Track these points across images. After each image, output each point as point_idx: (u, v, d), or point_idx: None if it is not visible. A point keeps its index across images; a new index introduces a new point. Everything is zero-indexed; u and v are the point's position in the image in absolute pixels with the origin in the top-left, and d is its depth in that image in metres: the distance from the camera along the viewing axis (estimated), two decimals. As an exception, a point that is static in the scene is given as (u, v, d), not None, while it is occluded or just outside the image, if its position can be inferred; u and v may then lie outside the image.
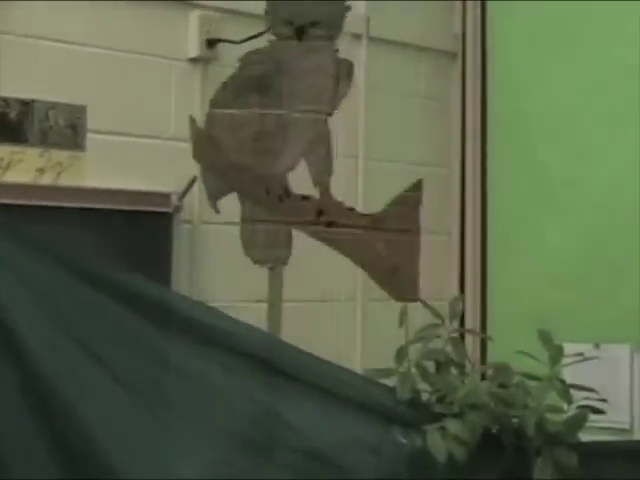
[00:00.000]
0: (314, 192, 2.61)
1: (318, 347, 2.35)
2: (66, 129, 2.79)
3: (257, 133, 2.57)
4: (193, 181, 2.95)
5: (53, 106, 2.77)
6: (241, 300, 2.98)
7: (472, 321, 3.58)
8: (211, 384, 2.32)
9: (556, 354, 2.39)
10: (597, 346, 3.19)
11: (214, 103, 2.58)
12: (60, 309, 2.27)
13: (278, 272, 2.67)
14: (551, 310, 3.29)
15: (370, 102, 3.54)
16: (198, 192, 2.98)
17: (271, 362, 2.35)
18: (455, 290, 3.43)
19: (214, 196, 2.60)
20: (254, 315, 2.55)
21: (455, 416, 2.29)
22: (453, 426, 2.25)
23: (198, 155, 2.59)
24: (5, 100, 2.69)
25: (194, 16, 3.05)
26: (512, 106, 3.67)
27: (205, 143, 2.59)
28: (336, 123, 3.34)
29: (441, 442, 2.23)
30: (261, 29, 3.00)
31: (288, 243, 2.63)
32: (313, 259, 3.25)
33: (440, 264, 3.71)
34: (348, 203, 2.64)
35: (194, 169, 3.00)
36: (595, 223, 3.41)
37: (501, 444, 2.33)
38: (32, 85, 2.75)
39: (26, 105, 2.73)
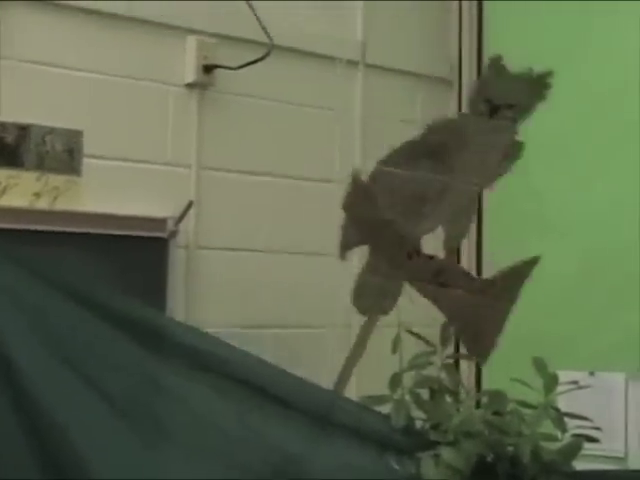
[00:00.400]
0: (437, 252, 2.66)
1: (313, 373, 2.36)
2: (63, 154, 2.79)
3: (413, 195, 2.61)
4: (189, 206, 2.96)
5: (50, 131, 2.77)
6: (235, 326, 2.99)
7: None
8: (204, 409, 2.32)
9: (550, 382, 2.40)
10: (592, 374, 3.19)
11: (386, 160, 2.61)
12: (54, 332, 2.27)
13: (374, 319, 2.69)
14: (546, 337, 3.29)
15: (366, 128, 3.55)
16: (194, 217, 3.00)
17: (265, 388, 2.35)
18: (449, 317, 3.43)
19: (347, 246, 2.62)
20: (248, 341, 2.52)
21: (449, 444, 2.29)
22: (447, 454, 2.26)
23: (349, 205, 2.60)
24: (2, 124, 2.69)
25: (191, 41, 3.05)
26: None
27: (361, 196, 2.60)
28: (332, 148, 3.41)
29: (435, 470, 2.23)
30: (257, 55, 3.06)
31: (396, 296, 2.65)
32: (310, 287, 3.27)
33: None
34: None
35: (190, 194, 3.03)
36: (591, 249, 3.40)
37: (495, 472, 2.32)
38: (29, 109, 2.75)
39: (23, 129, 2.73)
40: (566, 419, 2.37)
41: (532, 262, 2.72)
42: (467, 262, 3.76)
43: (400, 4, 3.66)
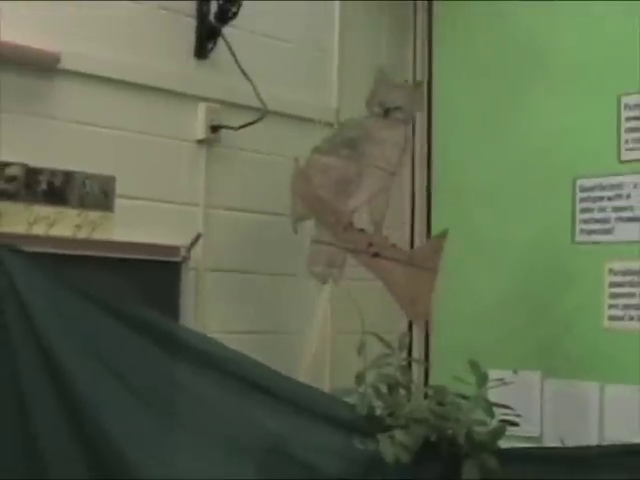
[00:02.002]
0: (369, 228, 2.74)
1: (295, 371, 2.38)
2: (99, 194, 2.79)
3: (340, 177, 2.72)
4: (198, 237, 2.95)
5: (89, 176, 2.77)
6: (234, 332, 2.96)
7: (418, 352, 3.56)
8: (210, 400, 2.33)
9: (482, 379, 2.43)
10: (516, 372, 3.19)
11: (316, 149, 2.76)
12: (91, 338, 2.27)
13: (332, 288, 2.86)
14: (480, 344, 3.28)
15: None
16: (202, 246, 2.97)
17: (258, 383, 2.37)
18: (405, 326, 3.43)
19: (297, 219, 2.73)
20: (245, 344, 2.55)
21: (402, 427, 2.32)
22: (400, 435, 2.28)
23: (294, 186, 2.74)
24: (52, 171, 2.69)
25: (201, 107, 3.04)
26: (451, 178, 3.65)
27: (301, 178, 2.73)
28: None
29: (390, 448, 2.26)
30: (254, 118, 3.04)
31: (342, 265, 2.71)
32: (294, 302, 3.27)
33: (394, 305, 3.66)
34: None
35: (199, 227, 2.99)
36: (516, 275, 3.39)
37: (438, 450, 2.36)
38: (73, 159, 2.75)
39: (68, 175, 2.72)
40: (494, 408, 2.40)
41: (442, 235, 2.81)
42: None
43: (366, 79, 3.46)
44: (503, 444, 2.40)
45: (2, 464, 2.18)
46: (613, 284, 3.13)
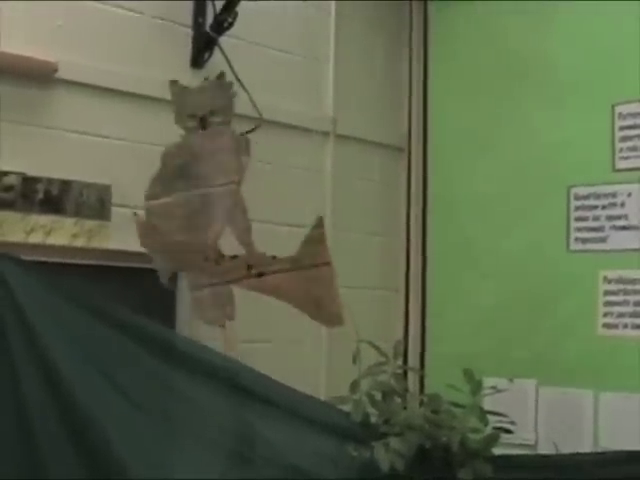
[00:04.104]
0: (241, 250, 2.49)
1: (292, 380, 2.37)
2: (96, 203, 2.80)
3: (187, 213, 2.46)
4: None
5: (86, 185, 2.78)
6: None
7: (413, 360, 3.58)
8: (206, 407, 2.33)
9: (476, 387, 2.41)
10: (511, 380, 3.09)
11: (147, 196, 2.47)
12: (88, 346, 2.27)
13: (232, 327, 2.53)
14: (475, 352, 3.29)
15: (335, 185, 3.56)
16: None
17: (254, 391, 2.36)
18: (400, 334, 3.45)
19: (165, 275, 2.49)
20: (241, 352, 2.52)
21: (396, 435, 2.30)
22: (395, 443, 2.27)
23: (144, 243, 2.47)
24: (49, 180, 2.71)
25: None
26: (447, 190, 3.68)
27: (148, 231, 2.47)
28: (307, 200, 3.42)
29: (385, 455, 2.24)
30: (250, 127, 3.07)
31: (231, 300, 2.50)
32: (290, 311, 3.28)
33: (389, 314, 3.70)
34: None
35: None
36: (511, 284, 3.41)
37: (432, 457, 2.34)
38: (70, 168, 2.77)
39: (65, 184, 2.74)
40: (488, 415, 2.39)
41: (317, 225, 2.49)
42: (414, 293, 3.74)
43: (363, 89, 3.69)
44: (497, 451, 2.40)
45: (1, 473, 2.19)
46: (607, 292, 3.16)
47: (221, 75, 2.52)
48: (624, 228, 3.16)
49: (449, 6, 3.68)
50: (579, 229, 3.25)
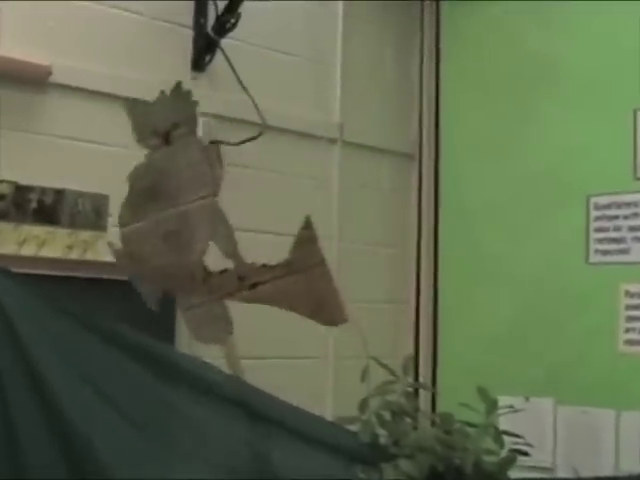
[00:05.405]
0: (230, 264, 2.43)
1: (296, 398, 2.35)
2: (91, 213, 2.79)
3: (165, 234, 2.41)
4: None
5: (81, 195, 2.78)
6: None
7: (425, 376, 3.57)
8: (203, 424, 2.32)
9: (491, 406, 2.37)
10: (527, 399, 3.21)
11: (120, 223, 2.43)
12: (81, 361, 2.27)
13: (231, 344, 2.51)
14: (490, 368, 3.30)
15: (342, 193, 3.56)
16: None
17: (257, 409, 2.35)
18: (411, 350, 3.43)
19: (152, 302, 2.44)
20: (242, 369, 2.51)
21: (407, 457, 2.28)
22: (405, 465, 2.25)
23: (124, 271, 2.43)
24: (42, 189, 2.70)
25: (200, 122, 3.02)
26: (460, 199, 3.70)
27: (127, 260, 2.42)
28: (314, 209, 3.41)
29: (394, 478, 2.22)
30: (254, 133, 3.06)
31: (226, 315, 2.45)
32: (293, 326, 3.26)
33: (399, 328, 3.69)
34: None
35: None
36: (527, 297, 3.41)
37: None
38: (64, 177, 2.76)
39: (59, 193, 2.73)
40: (504, 436, 2.34)
41: (306, 226, 2.45)
42: (425, 306, 3.74)
43: (371, 93, 3.69)
44: (513, 475, 2.36)
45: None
46: (629, 307, 3.14)
47: (178, 85, 2.45)
48: (647, 239, 3.15)
49: (462, 6, 3.68)
50: (599, 240, 3.24)
